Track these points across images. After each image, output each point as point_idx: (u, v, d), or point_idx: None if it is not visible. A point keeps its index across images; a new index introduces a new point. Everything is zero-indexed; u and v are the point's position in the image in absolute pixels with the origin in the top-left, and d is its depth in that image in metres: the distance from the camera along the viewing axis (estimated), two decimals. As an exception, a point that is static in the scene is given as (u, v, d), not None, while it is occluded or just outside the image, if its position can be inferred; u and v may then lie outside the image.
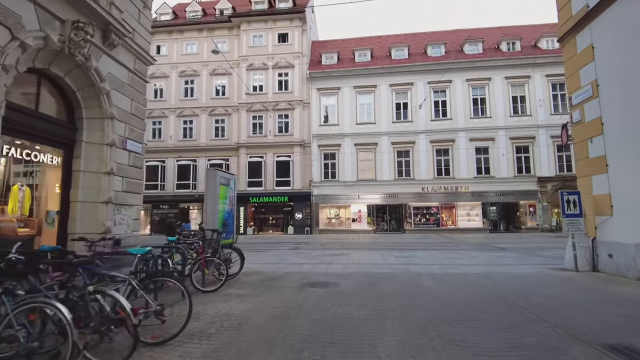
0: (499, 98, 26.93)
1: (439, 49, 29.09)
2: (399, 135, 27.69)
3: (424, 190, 26.88)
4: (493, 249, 13.94)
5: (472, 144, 26.89)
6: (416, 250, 13.81)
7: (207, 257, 6.67)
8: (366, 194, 27.28)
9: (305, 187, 27.83)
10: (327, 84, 28.91)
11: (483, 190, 26.27)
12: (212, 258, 6.74)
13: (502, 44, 28.39)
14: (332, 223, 28.07)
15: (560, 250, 12.47)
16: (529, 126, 26.44)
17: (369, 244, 17.45)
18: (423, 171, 27.11)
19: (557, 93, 26.60)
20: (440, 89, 27.84)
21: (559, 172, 25.83)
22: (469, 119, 27.20)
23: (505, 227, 27.03)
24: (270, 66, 29.42)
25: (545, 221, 25.51)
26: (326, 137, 28.37)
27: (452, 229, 26.47)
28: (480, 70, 27.36)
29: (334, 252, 13.51)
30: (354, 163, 27.86)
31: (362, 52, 30.13)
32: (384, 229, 28.12)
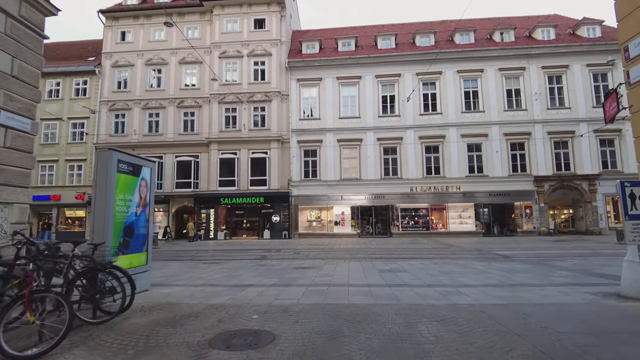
0: (492, 91, 25.01)
1: (427, 39, 27.03)
2: (386, 130, 25.46)
3: (413, 191, 24.69)
4: (496, 258, 11.70)
5: (464, 140, 24.86)
6: (406, 260, 11.46)
7: (36, 291, 3.74)
8: (350, 194, 24.93)
9: (283, 186, 25.28)
10: (308, 74, 26.48)
11: (476, 190, 24.24)
12: (45, 293, 3.86)
13: (495, 33, 26.52)
14: (313, 226, 25.59)
15: (577, 259, 10.40)
16: (525, 121, 24.57)
17: (350, 251, 15.02)
18: (411, 169, 24.93)
19: (553, 86, 24.82)
20: (430, 80, 25.76)
21: (556, 171, 24.01)
22: (460, 114, 25.18)
23: (499, 230, 25.06)
24: (246, 54, 26.82)
25: (543, 224, 23.61)
26: (306, 132, 25.92)
27: (443, 232, 24.34)
28: (472, 61, 25.39)
29: (305, 263, 11.01)
30: (336, 161, 25.48)
31: (346, 41, 27.83)
32: (369, 232, 25.80)
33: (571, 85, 24.38)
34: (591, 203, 23.35)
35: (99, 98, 28.22)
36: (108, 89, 28.24)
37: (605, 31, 25.85)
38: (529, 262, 10.48)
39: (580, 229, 24.15)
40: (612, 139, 23.91)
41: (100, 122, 27.87)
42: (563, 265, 9.66)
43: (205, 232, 25.15)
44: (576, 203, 24.76)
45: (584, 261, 10.40)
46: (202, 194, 25.43)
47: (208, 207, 25.37)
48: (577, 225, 24.77)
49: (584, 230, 23.68)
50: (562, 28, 26.90)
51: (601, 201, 23.44)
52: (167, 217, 26.62)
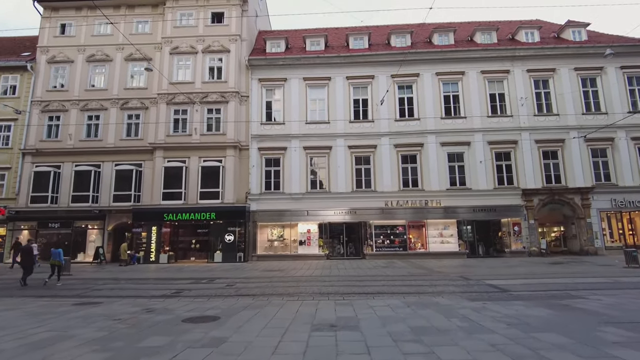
0: (475, 95, 22.60)
1: (404, 39, 24.63)
2: (358, 137, 22.57)
3: (388, 205, 21.68)
4: (491, 294, 8.62)
5: (444, 150, 22.19)
6: (369, 297, 8.27)
7: None
8: (318, 209, 21.69)
9: (239, 200, 21.83)
10: (271, 73, 23.52)
11: (458, 205, 21.44)
12: None
13: (476, 35, 24.38)
14: (274, 247, 22.09)
15: (602, 294, 7.35)
16: (510, 128, 22.15)
17: (304, 281, 11.67)
18: (386, 182, 21.99)
19: (540, 91, 22.62)
20: (406, 83, 23.20)
21: (546, 184, 21.51)
22: (440, 120, 22.59)
23: (485, 251, 22.20)
24: (200, 50, 23.69)
25: (533, 243, 20.90)
26: (269, 138, 22.74)
27: (422, 252, 21.28)
28: (452, 62, 23.04)
29: (212, 309, 7.58)
30: (302, 171, 22.31)
31: (315, 40, 25.14)
32: (340, 253, 22.48)
33: (559, 90, 22.24)
34: (585, 219, 20.86)
35: (30, 98, 24.38)
36: (42, 88, 24.44)
37: (590, 35, 24.11)
38: (540, 301, 7.40)
39: (574, 249, 21.56)
40: (604, 148, 21.72)
41: (30, 125, 23.93)
42: (593, 308, 6.62)
43: (145, 254, 21.26)
44: (568, 219, 22.25)
45: (616, 299, 7.41)
46: (142, 209, 21.64)
47: (149, 224, 21.56)
48: (570, 245, 22.19)
49: (577, 249, 21.09)
50: (546, 32, 25.05)
51: (596, 217, 20.99)
52: (102, 236, 22.62)
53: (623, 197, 21.06)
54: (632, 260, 14.16)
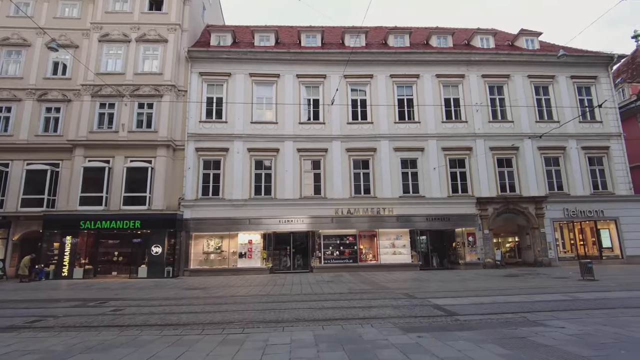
0: (429, 100, 21.63)
1: (358, 39, 23.42)
2: (308, 140, 20.85)
3: (339, 213, 20.00)
4: (434, 319, 6.98)
5: (397, 155, 20.94)
6: (284, 328, 6.33)
7: None
8: (262, 217, 19.60)
9: (171, 207, 19.32)
10: (214, 67, 21.41)
11: (411, 213, 20.14)
12: None
13: (432, 38, 23.62)
14: (210, 260, 19.66)
15: (566, 319, 5.82)
16: (465, 134, 21.32)
17: (219, 304, 9.57)
18: (337, 188, 20.34)
19: (495, 97, 22.05)
20: (360, 84, 21.89)
21: (500, 192, 20.74)
22: (394, 124, 21.39)
23: (439, 262, 21.02)
24: (134, 39, 21.18)
25: (488, 254, 19.91)
26: (208, 137, 20.50)
27: (374, 264, 19.69)
28: (407, 65, 22.03)
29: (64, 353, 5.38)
30: (246, 175, 20.20)
31: (265, 36, 23.37)
32: (286, 266, 20.43)
33: (513, 97, 21.76)
34: (539, 229, 20.20)
35: None
36: (-58, 74, 20.89)
37: (542, 45, 24.06)
38: (491, 331, 5.80)
39: (528, 260, 20.84)
40: (557, 157, 21.34)
41: None
42: (557, 343, 5.06)
43: (56, 268, 18.14)
44: (522, 229, 21.58)
45: (581, 326, 5.95)
46: (55, 215, 18.55)
47: (63, 233, 18.51)
48: (525, 255, 21.48)
49: (532, 261, 20.36)
50: (501, 39, 24.80)
51: (549, 227, 20.40)
52: (5, 247, 19.21)
53: (575, 207, 20.66)
54: (587, 272, 13.22)
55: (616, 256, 20.66)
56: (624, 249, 20.53)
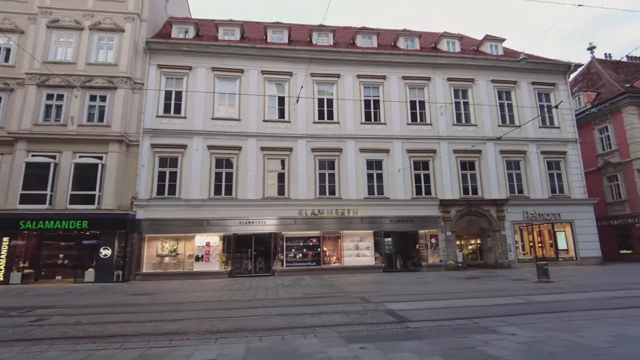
0: (395, 101, 21.53)
1: (326, 38, 23.06)
2: (272, 138, 20.21)
3: (302, 215, 19.45)
4: (382, 326, 6.57)
5: (363, 156, 20.69)
6: (216, 340, 5.75)
7: None
8: (222, 218, 18.73)
9: (123, 206, 18.11)
10: (174, 60, 20.37)
11: (376, 215, 19.91)
12: None
13: (399, 40, 23.60)
14: (165, 263, 18.58)
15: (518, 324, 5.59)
16: (429, 137, 21.36)
17: (168, 317, 8.79)
18: (302, 188, 19.81)
19: (459, 100, 22.26)
20: (326, 83, 21.49)
21: (463, 195, 20.89)
22: (360, 125, 21.13)
23: (402, 264, 20.91)
24: (87, 26, 19.80)
25: (450, 256, 19.98)
26: (166, 133, 19.44)
27: (337, 267, 19.28)
28: (374, 65, 21.85)
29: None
30: (205, 174, 19.29)
31: (229, 30, 22.54)
32: (247, 269, 19.65)
33: (477, 101, 22.05)
34: (500, 232, 20.49)
35: None
36: None
37: (506, 51, 24.59)
38: (439, 340, 5.44)
39: (489, 262, 21.10)
40: (518, 161, 21.79)
41: None
42: (505, 353, 4.71)
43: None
44: (484, 232, 21.86)
45: (532, 332, 5.69)
46: (-10, 215, 16.93)
47: (0, 234, 16.90)
48: (486, 257, 21.77)
49: (493, 263, 20.62)
50: (466, 44, 25.18)
51: (510, 229, 20.75)
52: None
53: (534, 210, 21.14)
54: (543, 274, 13.36)
55: (571, 258, 21.30)
56: (578, 251, 21.20)
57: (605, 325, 6.12)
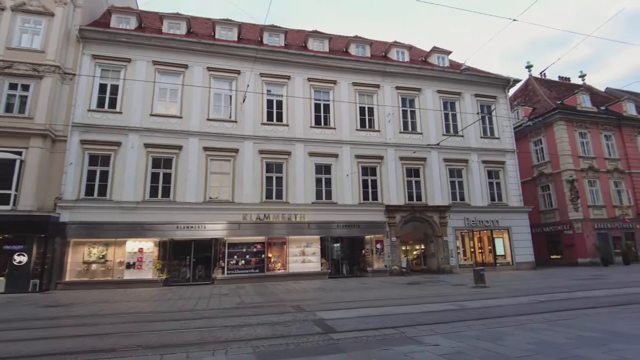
0: (345, 106, 21.50)
1: (277, 39, 22.60)
2: (216, 138, 19.30)
3: (247, 219, 18.69)
4: (303, 340, 6.12)
5: (312, 160, 20.38)
6: (144, 356, 4.98)
7: None
8: (158, 222, 17.48)
9: (45, 207, 16.33)
10: (112, 51, 18.90)
11: (323, 220, 19.61)
12: None
13: (351, 46, 23.71)
14: (92, 271, 16.96)
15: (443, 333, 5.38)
16: (377, 143, 21.53)
17: (69, 333, 7.76)
18: (247, 192, 19.06)
19: (406, 109, 22.72)
20: (276, 84, 21.00)
21: (408, 201, 21.22)
22: (309, 128, 20.84)
23: (348, 270, 20.77)
24: (9, 7, 17.81)
25: (395, 261, 20.13)
26: (98, 129, 17.90)
27: (282, 274, 18.70)
28: (325, 70, 21.71)
29: None
30: (140, 174, 17.95)
31: (175, 23, 21.40)
32: (185, 277, 18.50)
33: (423, 110, 22.61)
34: (442, 237, 21.01)
35: None
36: None
37: (452, 63, 25.56)
38: (362, 352, 5.10)
39: (432, 267, 21.55)
40: (460, 169, 22.57)
41: None
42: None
43: None
44: (428, 237, 22.34)
45: (456, 342, 5.52)
46: None
47: None
48: (429, 263, 22.23)
49: (435, 268, 21.07)
50: (415, 54, 25.88)
51: (452, 235, 21.35)
52: None
53: (474, 217, 21.93)
54: (480, 280, 13.68)
55: (508, 263, 22.33)
56: (514, 256, 22.28)
57: (527, 331, 6.12)
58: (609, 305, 8.49)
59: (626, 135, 28.26)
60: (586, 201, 25.52)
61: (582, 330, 6.06)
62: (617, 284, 13.42)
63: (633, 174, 27.43)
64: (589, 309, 8.21)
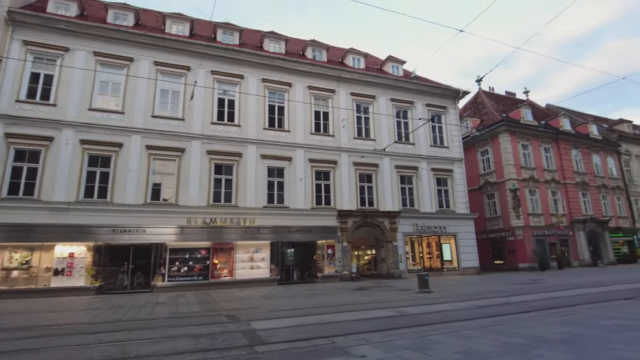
0: (300, 110, 21.28)
1: (232, 37, 21.97)
2: (161, 136, 18.27)
3: (191, 223, 17.79)
4: (225, 354, 5.67)
5: (264, 163, 19.90)
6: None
7: None
8: (92, 225, 16.14)
9: (-45, 207, 14.53)
10: (47, 38, 17.39)
11: (275, 224, 19.13)
12: None
13: (308, 50, 23.59)
14: (13, 278, 15.28)
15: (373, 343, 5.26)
16: (332, 148, 21.48)
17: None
18: (193, 194, 18.18)
19: (361, 115, 22.90)
20: (229, 83, 20.35)
21: (360, 206, 21.30)
22: (262, 130, 20.37)
23: (299, 276, 20.41)
24: None
25: (345, 267, 20.05)
26: (27, 122, 16.31)
27: (228, 281, 17.96)
28: (280, 71, 21.37)
29: None
30: (75, 172, 16.56)
31: (122, 14, 20.14)
32: (122, 285, 17.22)
33: (377, 117, 22.89)
34: (392, 243, 21.27)
35: None
36: None
37: (406, 73, 26.20)
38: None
39: (382, 272, 21.73)
40: (410, 176, 23.05)
41: None
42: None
43: None
44: (379, 242, 22.53)
45: (382, 353, 5.30)
46: None
47: None
48: (380, 268, 22.40)
49: (385, 273, 21.25)
50: (371, 62, 26.26)
51: (401, 240, 21.68)
52: None
53: (423, 223, 22.43)
54: (424, 285, 13.85)
55: (454, 268, 23.02)
56: (460, 262, 23.01)
57: (458, 339, 6.05)
58: (539, 309, 8.76)
59: (562, 149, 30.38)
60: (527, 209, 27.02)
61: (510, 336, 6.10)
62: (550, 288, 14.10)
63: (567, 184, 29.50)
64: (522, 313, 8.40)
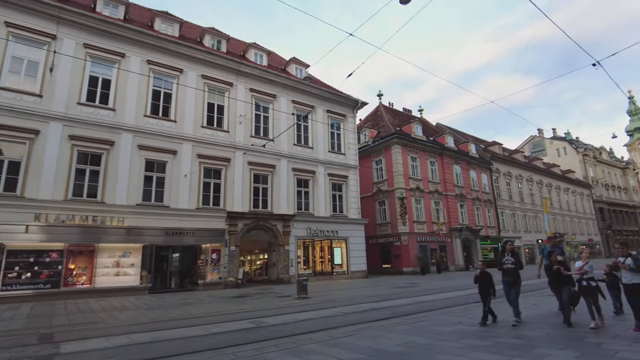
0: (191, 100, 19.47)
1: (116, 10, 19.14)
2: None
3: (41, 220, 14.72)
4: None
5: (142, 155, 17.62)
6: None
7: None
8: None
9: None
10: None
11: (149, 225, 16.93)
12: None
13: (206, 37, 21.89)
14: None
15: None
16: (225, 145, 20.07)
17: None
18: (46, 186, 15.13)
19: (260, 113, 21.96)
20: (106, 60, 17.56)
21: (253, 208, 20.26)
22: (143, 117, 18.05)
23: (178, 283, 18.48)
24: None
25: (231, 272, 18.73)
26: None
27: (85, 289, 15.23)
28: (171, 55, 19.33)
29: None
30: None
31: None
32: None
33: (276, 116, 22.17)
34: (284, 247, 20.63)
35: None
36: None
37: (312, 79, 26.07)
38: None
39: (272, 277, 20.93)
40: (307, 179, 22.80)
41: None
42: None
43: None
44: (271, 246, 21.70)
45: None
46: None
47: None
48: (270, 273, 21.57)
49: (275, 278, 20.49)
50: (274, 61, 25.57)
51: (294, 244, 21.19)
52: None
53: (317, 227, 22.31)
54: (302, 290, 13.36)
55: (344, 272, 23.33)
56: (349, 265, 23.42)
57: (295, 357, 5.40)
58: (399, 316, 8.75)
59: (445, 163, 33.44)
60: (412, 217, 28.92)
61: (350, 350, 5.64)
62: (421, 292, 14.76)
63: (448, 195, 32.49)
64: (380, 320, 8.22)
